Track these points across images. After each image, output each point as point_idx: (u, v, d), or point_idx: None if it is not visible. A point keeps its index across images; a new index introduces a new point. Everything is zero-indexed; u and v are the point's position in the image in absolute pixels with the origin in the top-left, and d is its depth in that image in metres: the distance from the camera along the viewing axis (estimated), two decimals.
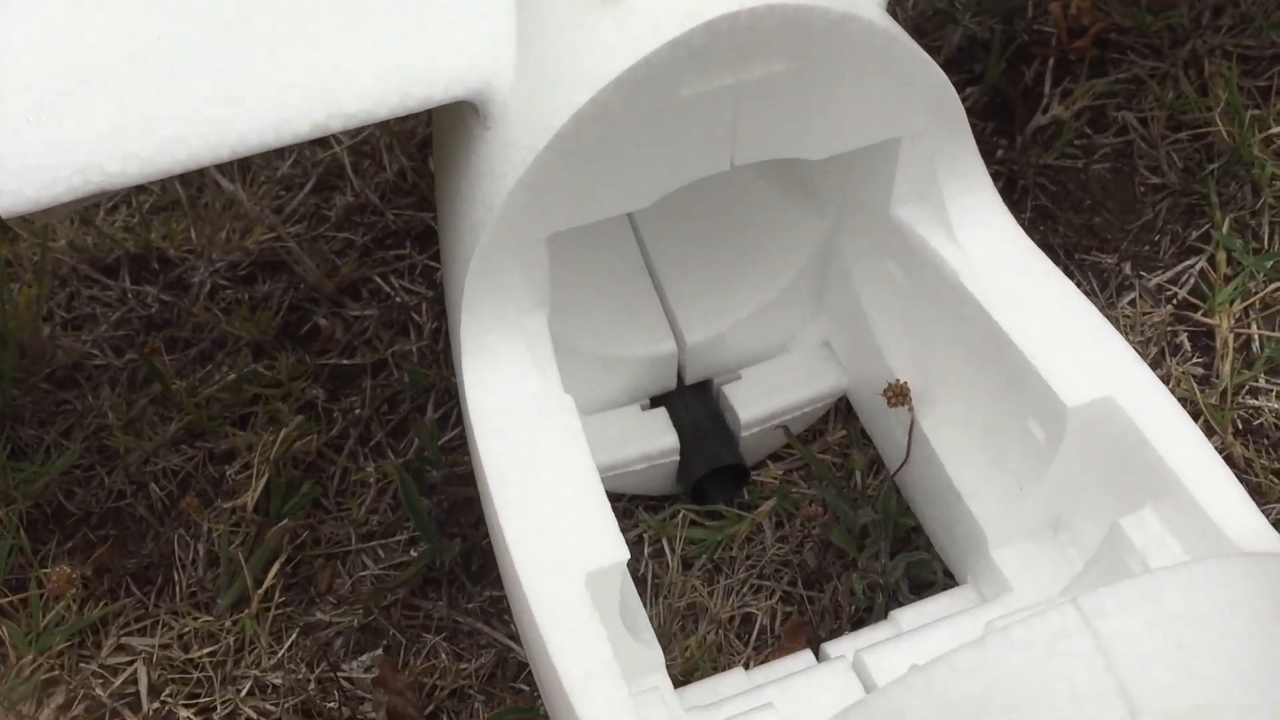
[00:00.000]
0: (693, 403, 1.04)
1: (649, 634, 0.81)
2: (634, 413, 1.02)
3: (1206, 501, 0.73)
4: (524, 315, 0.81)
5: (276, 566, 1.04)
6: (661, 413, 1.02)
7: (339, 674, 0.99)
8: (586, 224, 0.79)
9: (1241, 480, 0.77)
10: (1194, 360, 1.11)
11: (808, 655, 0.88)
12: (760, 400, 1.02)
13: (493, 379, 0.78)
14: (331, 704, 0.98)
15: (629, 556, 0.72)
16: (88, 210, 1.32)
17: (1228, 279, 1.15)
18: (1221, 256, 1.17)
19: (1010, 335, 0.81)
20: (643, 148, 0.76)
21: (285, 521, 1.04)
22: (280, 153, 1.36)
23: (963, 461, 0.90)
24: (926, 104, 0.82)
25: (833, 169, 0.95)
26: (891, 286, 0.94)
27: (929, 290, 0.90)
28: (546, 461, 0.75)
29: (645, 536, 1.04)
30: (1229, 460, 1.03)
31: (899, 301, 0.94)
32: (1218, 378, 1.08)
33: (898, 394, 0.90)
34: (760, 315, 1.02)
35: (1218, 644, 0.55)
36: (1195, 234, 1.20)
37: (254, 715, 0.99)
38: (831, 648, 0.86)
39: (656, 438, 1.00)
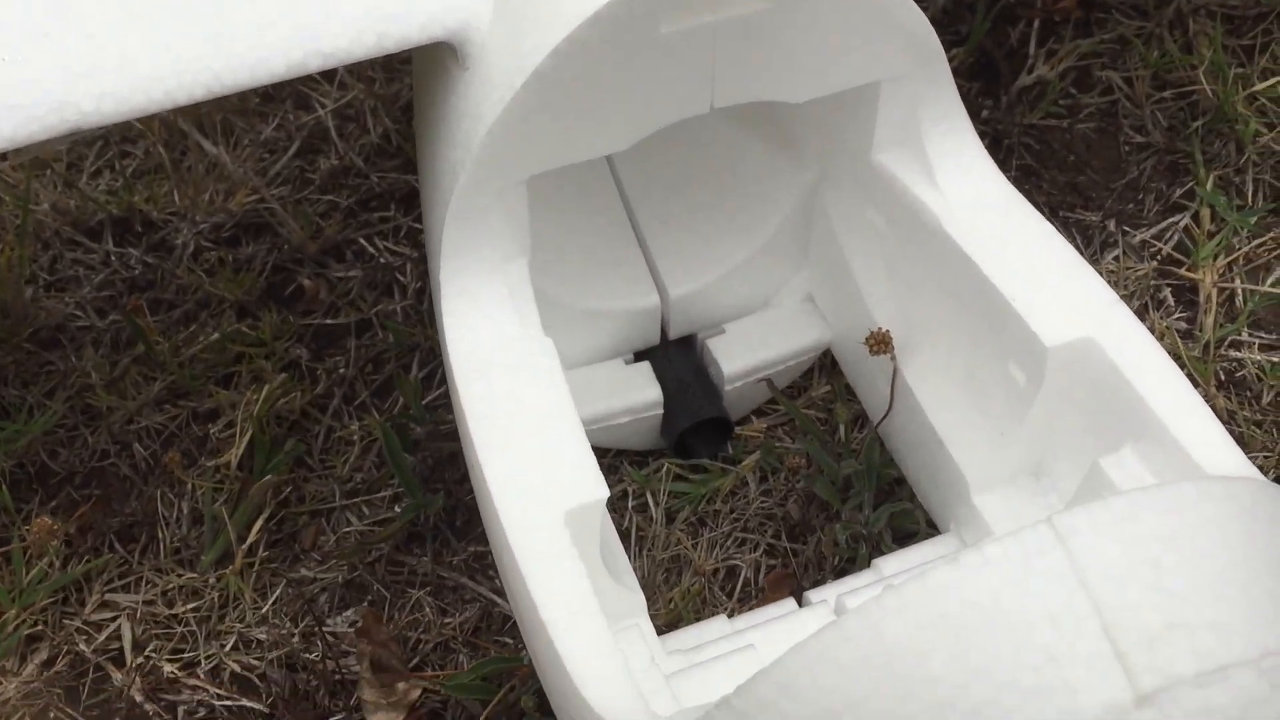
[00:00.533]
0: (676, 357, 1.04)
1: (631, 578, 0.81)
2: (618, 367, 1.02)
3: (1186, 439, 0.73)
4: (505, 261, 0.81)
5: (260, 522, 1.04)
6: (645, 367, 1.02)
7: (323, 628, 0.99)
8: (565, 166, 0.79)
9: None
10: (1178, 315, 1.11)
11: (790, 604, 0.88)
12: (744, 354, 1.02)
13: (473, 322, 0.78)
14: (315, 656, 0.98)
15: (608, 494, 0.72)
16: (70, 174, 1.31)
17: (1211, 235, 1.15)
18: (1205, 213, 1.17)
19: (990, 278, 0.81)
20: (621, 87, 0.76)
21: (269, 477, 1.04)
22: (263, 116, 1.36)
23: (945, 409, 0.90)
24: (906, 46, 0.82)
25: (814, 118, 0.94)
26: (873, 235, 0.94)
27: (910, 237, 0.90)
28: (526, 402, 0.75)
29: (629, 490, 1.04)
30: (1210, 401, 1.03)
31: (881, 250, 0.94)
32: (1201, 331, 1.08)
33: (880, 342, 0.90)
34: (744, 269, 1.02)
35: (1191, 562, 0.55)
36: (1179, 191, 1.20)
37: (238, 669, 0.99)
38: (814, 594, 0.86)
39: (640, 391, 1.00)
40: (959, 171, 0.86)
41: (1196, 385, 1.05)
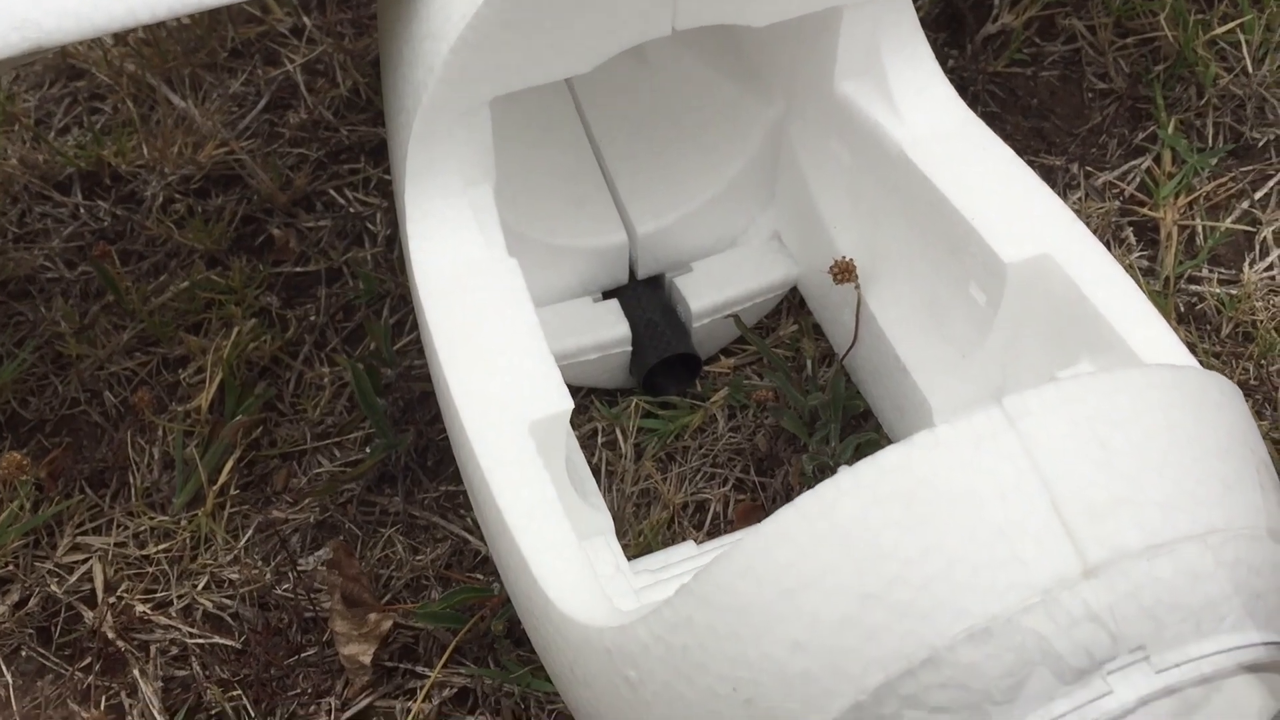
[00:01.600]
0: (645, 296, 1.05)
1: (598, 500, 0.82)
2: (586, 304, 1.03)
3: (1142, 350, 0.74)
4: (469, 186, 0.81)
5: (231, 463, 1.04)
6: (614, 304, 1.03)
7: (296, 565, 1.00)
8: (532, 104, 0.79)
9: None
10: (1139, 253, 1.13)
11: None
12: (711, 291, 1.03)
13: (437, 243, 0.78)
14: (287, 592, 0.98)
15: (572, 406, 0.73)
16: (39, 129, 1.31)
17: (1171, 176, 1.16)
18: (1167, 155, 1.18)
19: (950, 199, 0.82)
20: (582, 6, 0.77)
21: (239, 418, 1.04)
22: (232, 71, 1.36)
23: (908, 336, 0.91)
24: None
25: (777, 51, 0.95)
26: (837, 168, 0.95)
27: (873, 166, 0.91)
28: (490, 319, 0.76)
29: (599, 428, 1.05)
30: None
31: (845, 181, 0.95)
32: (1161, 267, 1.10)
33: (843, 270, 0.91)
34: (711, 206, 1.03)
35: (1138, 443, 0.56)
36: (1141, 135, 1.22)
37: (210, 608, 0.99)
38: None
39: (609, 327, 1.01)
40: (920, 98, 0.87)
41: None
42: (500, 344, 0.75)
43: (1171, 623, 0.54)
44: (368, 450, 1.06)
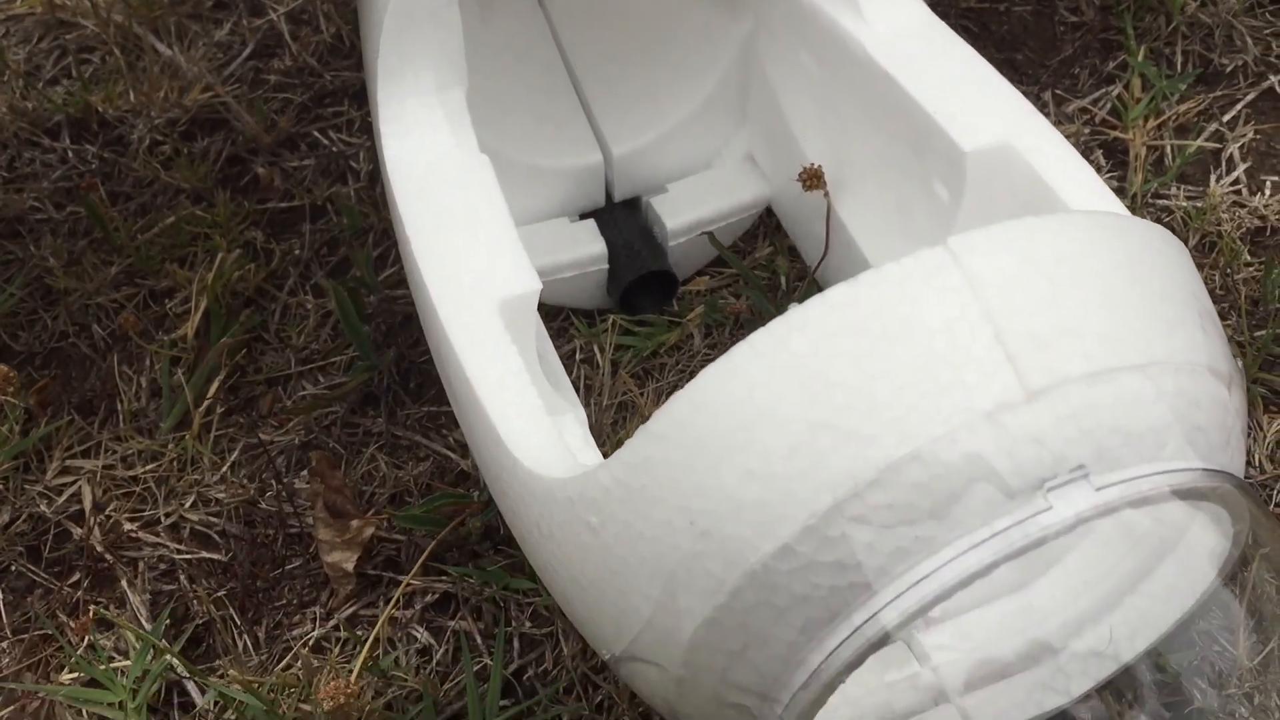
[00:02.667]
0: (622, 218, 1.07)
1: (571, 395, 0.84)
2: (563, 224, 1.04)
3: None
4: (441, 89, 0.83)
5: (216, 384, 1.06)
6: (590, 224, 1.05)
7: (281, 481, 1.01)
8: (505, 24, 0.81)
9: None
10: (1109, 173, 1.14)
11: None
12: (686, 210, 1.05)
13: (410, 139, 0.80)
14: (271, 505, 1.00)
15: (540, 288, 0.74)
16: (28, 78, 1.33)
17: (1140, 101, 1.18)
18: (1136, 82, 1.20)
19: (912, 94, 0.83)
20: None
21: (225, 339, 1.06)
22: (217, 21, 1.38)
23: (877, 241, 0.93)
24: None
25: None
26: (805, 78, 0.97)
27: (839, 72, 0.92)
28: (461, 209, 0.78)
29: (578, 345, 1.06)
30: None
31: (812, 91, 0.97)
32: (1130, 185, 1.12)
33: (812, 177, 0.93)
34: (685, 126, 1.04)
35: (1081, 280, 0.58)
36: (1112, 65, 1.24)
37: (197, 526, 1.01)
38: None
39: (586, 245, 1.03)
40: (884, 2, 0.89)
41: None
42: (470, 231, 0.77)
43: (1112, 446, 0.55)
44: (351, 373, 1.08)
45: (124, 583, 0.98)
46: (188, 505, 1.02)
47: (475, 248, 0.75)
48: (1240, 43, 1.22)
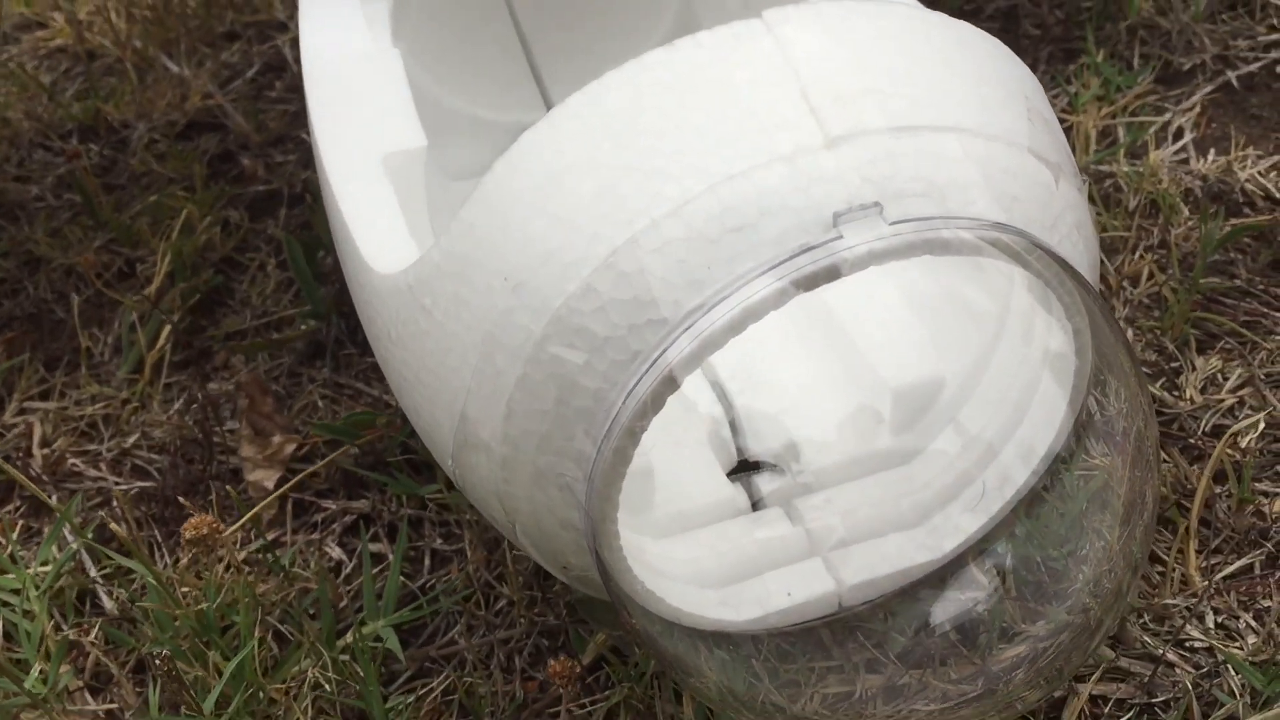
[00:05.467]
0: None
1: None
2: None
3: None
4: (366, 2, 0.88)
5: (168, 330, 1.09)
6: None
7: (223, 425, 1.03)
8: None
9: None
10: None
11: None
12: None
13: (327, 35, 0.84)
14: (200, 437, 1.01)
15: (426, 144, 0.77)
16: (51, 92, 1.42)
17: (1090, 87, 1.20)
18: (1095, 80, 1.21)
19: None
20: None
21: (182, 284, 1.10)
22: (227, 45, 1.47)
23: None
24: None
25: None
26: None
27: None
28: (367, 91, 0.81)
29: None
30: None
31: None
32: (1076, 156, 1.12)
33: None
34: None
35: (894, 53, 0.58)
36: (1073, 67, 1.26)
37: (138, 460, 1.03)
38: None
39: None
40: None
41: None
42: (369, 104, 0.80)
43: (913, 191, 0.55)
44: (303, 327, 1.10)
45: (55, 499, 1.00)
46: (130, 443, 1.04)
47: (370, 115, 0.78)
48: (1199, 44, 1.24)
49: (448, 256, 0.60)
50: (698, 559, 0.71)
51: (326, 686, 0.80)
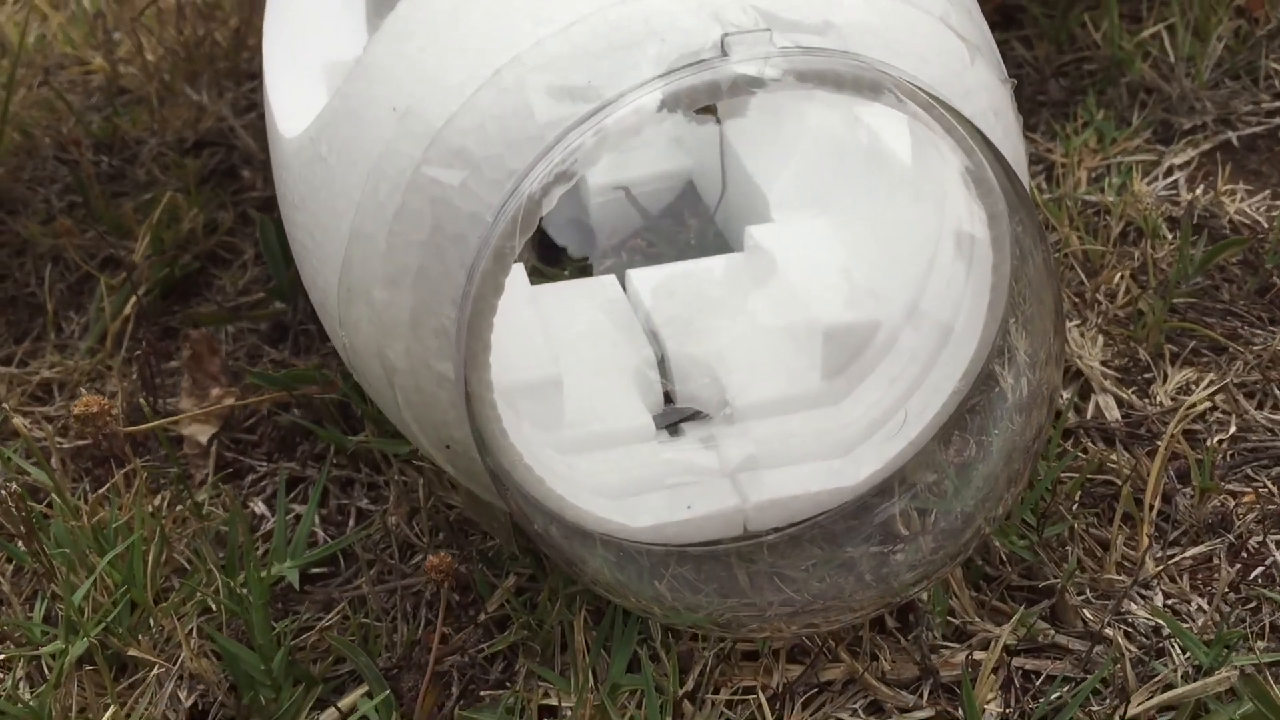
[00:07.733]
0: None
1: None
2: None
3: None
4: None
5: (133, 301, 1.09)
6: None
7: (166, 399, 1.02)
8: None
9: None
10: (1048, 194, 1.13)
11: None
12: (610, 171, 1.07)
13: None
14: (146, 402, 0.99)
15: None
16: (79, 117, 1.47)
17: (1083, 135, 1.18)
18: (1092, 135, 1.20)
19: None
20: None
21: (153, 256, 1.10)
22: (251, 76, 1.51)
23: (756, 153, 0.94)
24: None
25: None
26: None
27: None
28: (320, 23, 0.82)
29: None
30: (1066, 246, 1.04)
31: None
32: (1059, 186, 1.10)
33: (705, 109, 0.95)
34: None
35: None
36: (1071, 126, 1.25)
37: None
38: None
39: None
40: None
41: (1051, 228, 1.06)
42: (319, 35, 0.81)
43: (809, 27, 0.54)
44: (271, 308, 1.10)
45: None
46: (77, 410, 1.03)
47: (317, 27, 0.79)
48: (1200, 107, 1.23)
49: (344, 97, 0.60)
50: (600, 473, 0.68)
51: (214, 607, 0.76)
